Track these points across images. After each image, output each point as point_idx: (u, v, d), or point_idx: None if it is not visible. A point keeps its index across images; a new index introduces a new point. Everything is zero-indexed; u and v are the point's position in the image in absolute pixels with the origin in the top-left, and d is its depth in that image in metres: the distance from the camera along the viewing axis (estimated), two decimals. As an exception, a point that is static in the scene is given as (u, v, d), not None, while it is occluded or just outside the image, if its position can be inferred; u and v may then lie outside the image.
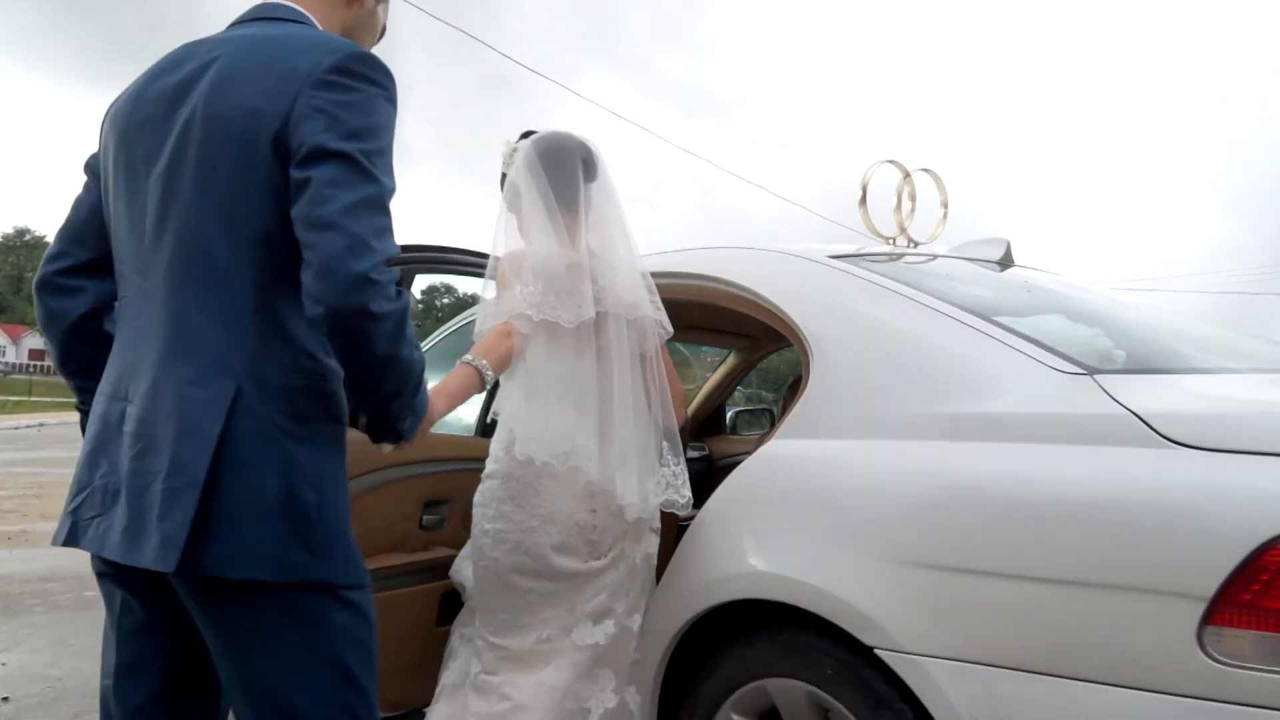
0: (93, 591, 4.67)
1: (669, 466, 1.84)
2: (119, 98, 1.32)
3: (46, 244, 1.44)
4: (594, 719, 1.80)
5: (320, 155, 1.14)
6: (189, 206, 1.19)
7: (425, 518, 2.27)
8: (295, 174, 1.14)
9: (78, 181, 1.41)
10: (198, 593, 1.19)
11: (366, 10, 1.42)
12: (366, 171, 1.16)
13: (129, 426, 1.19)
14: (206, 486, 1.13)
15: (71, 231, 1.37)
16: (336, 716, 1.24)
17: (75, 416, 1.45)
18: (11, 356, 69.06)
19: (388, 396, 1.25)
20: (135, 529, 1.15)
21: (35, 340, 68.80)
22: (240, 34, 1.27)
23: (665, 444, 1.85)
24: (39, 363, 65.90)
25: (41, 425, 19.73)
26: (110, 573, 1.28)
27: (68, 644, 3.71)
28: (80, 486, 1.24)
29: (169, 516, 1.13)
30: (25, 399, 33.29)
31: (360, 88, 1.19)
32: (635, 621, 1.84)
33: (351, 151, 1.15)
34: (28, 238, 76.46)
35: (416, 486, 2.24)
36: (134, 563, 1.15)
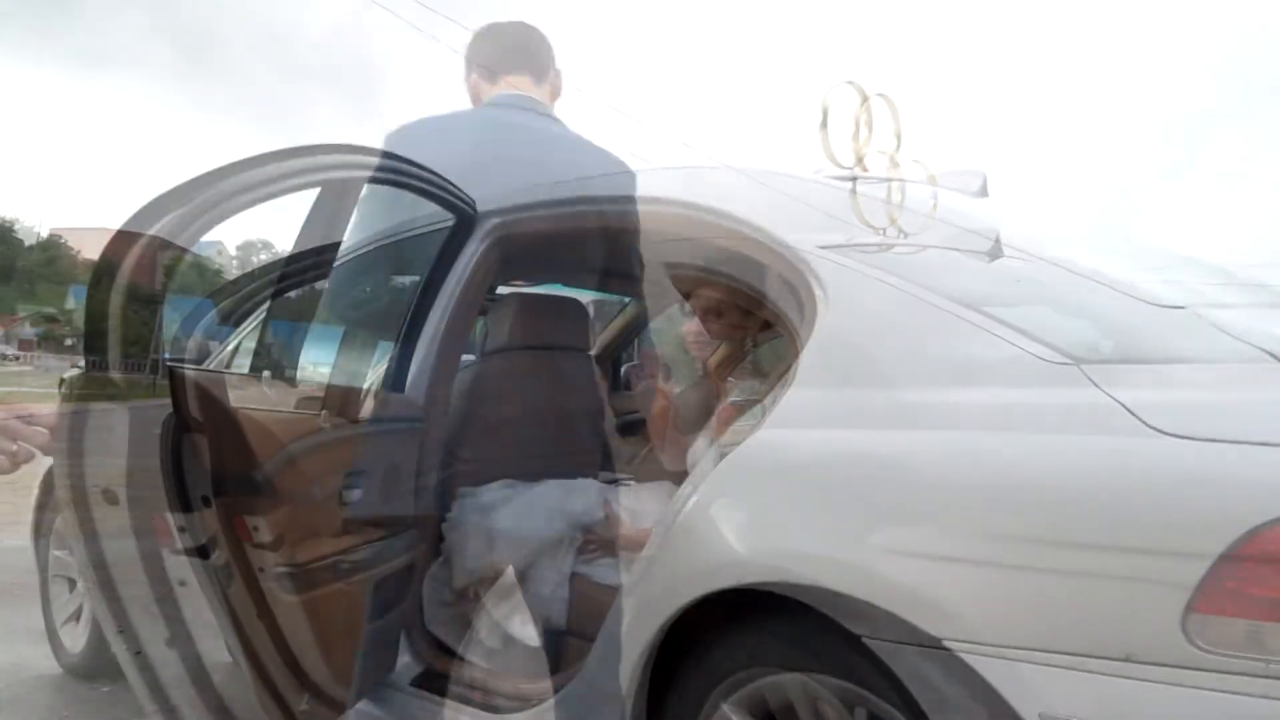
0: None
1: None
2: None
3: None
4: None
5: None
6: None
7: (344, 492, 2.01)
8: None
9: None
10: None
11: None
12: None
13: None
14: None
15: None
16: None
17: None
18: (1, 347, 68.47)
19: None
20: None
21: (26, 331, 68.23)
22: (560, 133, 1.84)
23: None
24: (29, 354, 65.37)
25: (31, 417, 19.60)
26: None
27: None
28: None
29: None
30: (15, 390, 33.05)
31: None
32: None
33: None
34: (16, 230, 75.67)
35: (333, 457, 1.99)
36: None
